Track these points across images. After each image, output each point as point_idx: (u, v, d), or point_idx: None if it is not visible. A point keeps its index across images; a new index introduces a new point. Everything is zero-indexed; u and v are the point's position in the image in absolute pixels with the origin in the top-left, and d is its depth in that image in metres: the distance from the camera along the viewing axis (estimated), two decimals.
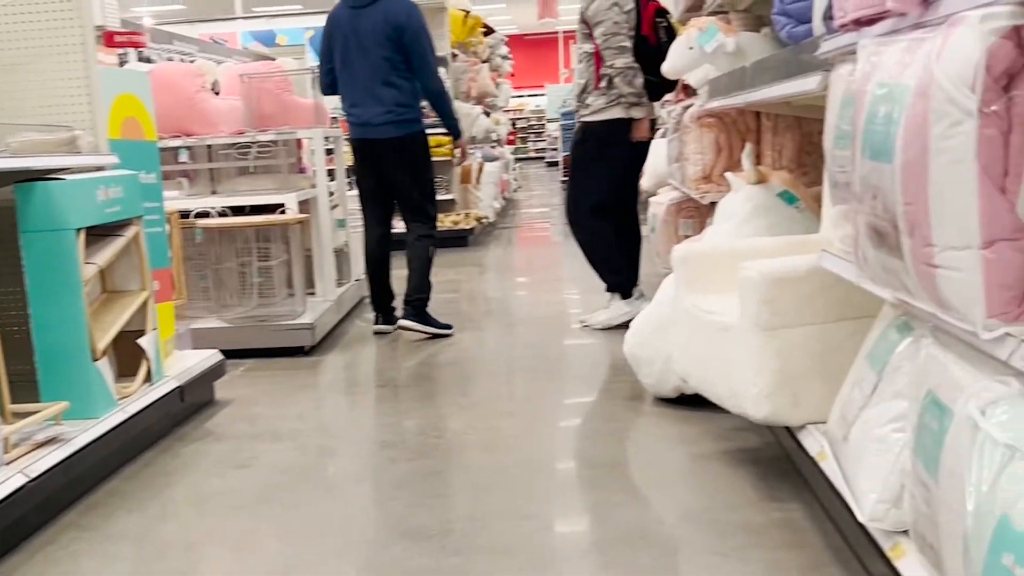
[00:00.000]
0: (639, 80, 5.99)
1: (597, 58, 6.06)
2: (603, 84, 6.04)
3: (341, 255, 7.24)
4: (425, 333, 6.33)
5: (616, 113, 6.07)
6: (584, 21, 6.13)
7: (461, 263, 9.92)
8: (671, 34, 6.04)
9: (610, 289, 6.33)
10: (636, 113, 6.08)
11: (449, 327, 6.47)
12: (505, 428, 4.41)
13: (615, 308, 6.24)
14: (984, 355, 1.87)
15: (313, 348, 6.09)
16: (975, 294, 1.79)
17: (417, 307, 6.38)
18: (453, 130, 6.60)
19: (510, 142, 20.73)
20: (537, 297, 8.15)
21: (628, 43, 5.97)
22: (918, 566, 2.18)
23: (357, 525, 3.44)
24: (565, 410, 4.73)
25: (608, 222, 6.29)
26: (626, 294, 6.26)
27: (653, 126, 6.35)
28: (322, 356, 6.04)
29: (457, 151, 7.02)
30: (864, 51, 2.28)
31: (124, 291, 4.34)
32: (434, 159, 6.65)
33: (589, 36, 6.10)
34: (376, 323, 6.56)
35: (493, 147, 14.77)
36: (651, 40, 6.05)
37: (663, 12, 6.23)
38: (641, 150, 6.31)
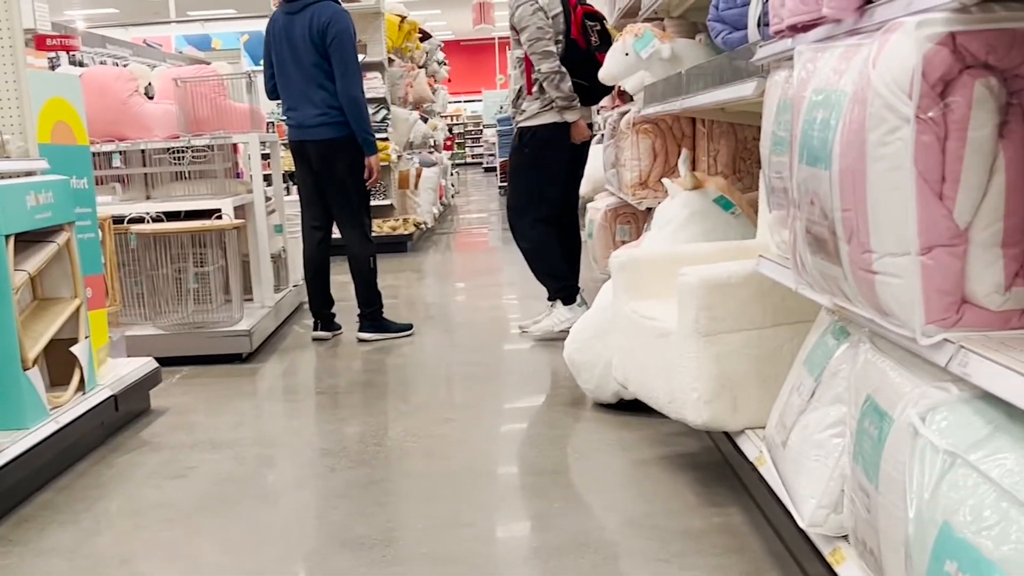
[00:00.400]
0: (566, 84, 5.92)
1: (527, 63, 6.02)
2: (535, 89, 6.01)
3: (279, 261, 7.17)
4: (385, 340, 6.42)
5: (551, 117, 6.03)
6: (513, 27, 6.09)
7: (400, 268, 9.89)
8: (606, 38, 6.04)
9: (552, 297, 6.26)
10: (569, 116, 6.02)
11: (409, 327, 6.58)
12: (446, 435, 4.40)
13: (557, 315, 6.17)
14: (923, 361, 1.88)
15: (251, 355, 6.03)
16: (913, 300, 1.81)
17: (371, 318, 6.48)
18: (364, 144, 6.22)
19: (448, 148, 20.70)
20: (476, 302, 8.14)
21: (553, 48, 5.91)
22: (858, 571, 2.20)
23: (297, 535, 3.40)
24: (506, 416, 4.73)
25: (551, 228, 6.22)
26: (568, 300, 6.19)
27: (591, 128, 6.33)
28: (260, 363, 5.98)
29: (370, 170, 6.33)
30: (800, 57, 2.30)
31: (56, 298, 4.27)
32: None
33: (520, 42, 6.05)
34: (315, 329, 6.53)
35: (431, 152, 14.73)
36: (580, 44, 6.01)
37: (595, 16, 6.18)
38: (580, 153, 6.25)
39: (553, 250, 6.21)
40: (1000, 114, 1.73)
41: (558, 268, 6.21)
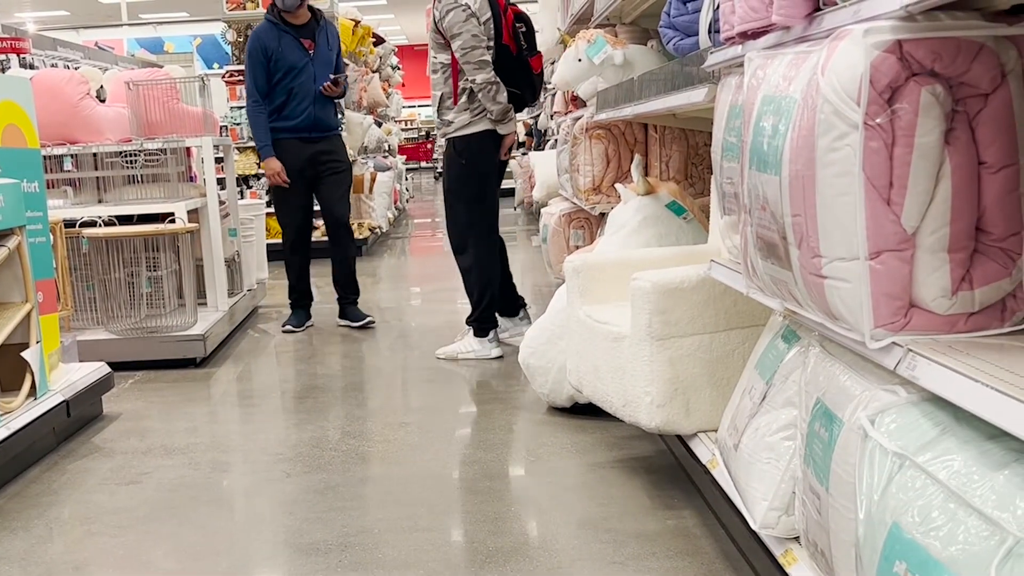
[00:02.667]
0: (502, 95, 5.63)
1: (455, 70, 5.69)
2: (464, 98, 5.68)
3: (233, 264, 7.13)
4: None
5: (484, 125, 5.70)
6: (437, 31, 5.70)
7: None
8: (531, 40, 5.88)
9: (470, 321, 5.96)
10: (503, 130, 5.75)
11: (300, 326, 7.02)
12: (401, 439, 4.39)
13: (466, 343, 5.91)
14: (872, 364, 1.91)
15: (205, 360, 6.00)
16: (862, 304, 1.83)
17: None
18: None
19: (419, 153, 20.61)
20: (431, 306, 8.14)
21: (488, 57, 5.60)
22: (809, 572, 2.22)
23: (252, 542, 3.39)
24: (461, 420, 4.73)
25: (495, 243, 5.95)
26: (479, 332, 5.89)
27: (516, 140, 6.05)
28: (214, 368, 5.95)
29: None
30: (751, 64, 2.32)
31: (6, 303, 4.23)
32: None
33: (445, 46, 5.69)
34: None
35: (385, 157, 14.70)
36: (512, 49, 5.75)
37: (521, 17, 5.89)
38: (503, 165, 6.03)
39: (495, 269, 5.94)
40: (946, 121, 1.77)
41: (493, 290, 5.90)
